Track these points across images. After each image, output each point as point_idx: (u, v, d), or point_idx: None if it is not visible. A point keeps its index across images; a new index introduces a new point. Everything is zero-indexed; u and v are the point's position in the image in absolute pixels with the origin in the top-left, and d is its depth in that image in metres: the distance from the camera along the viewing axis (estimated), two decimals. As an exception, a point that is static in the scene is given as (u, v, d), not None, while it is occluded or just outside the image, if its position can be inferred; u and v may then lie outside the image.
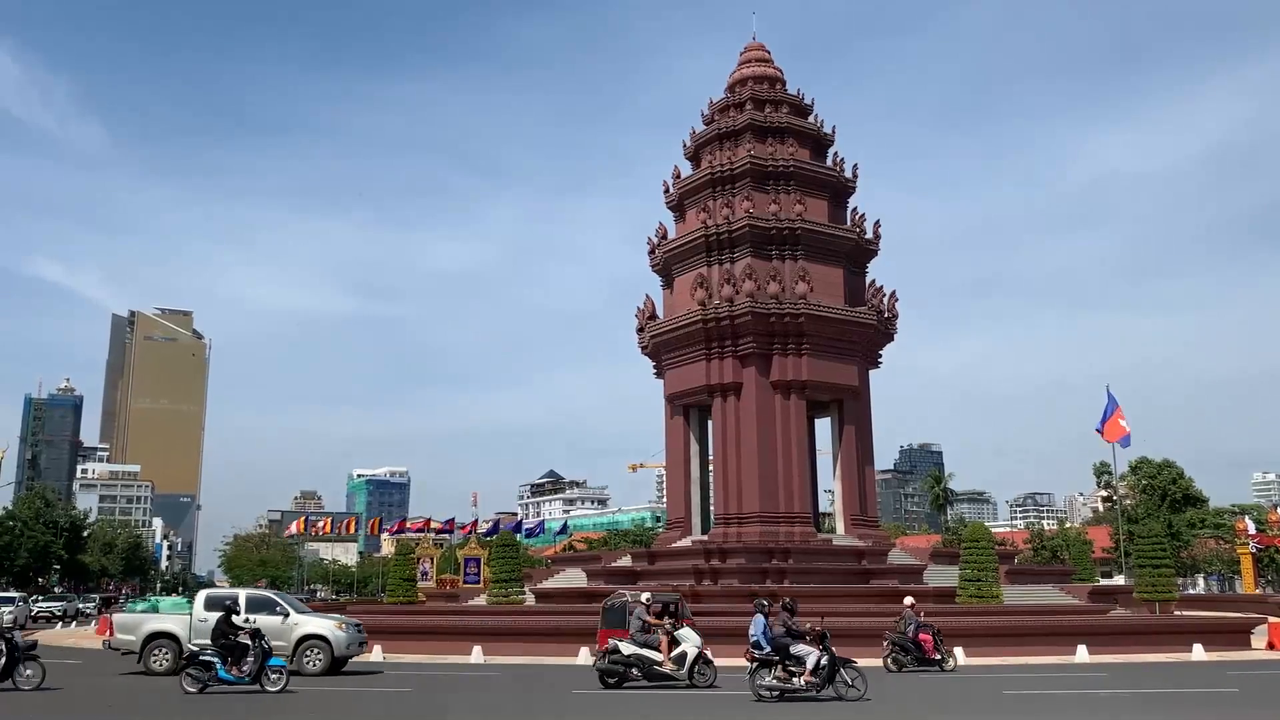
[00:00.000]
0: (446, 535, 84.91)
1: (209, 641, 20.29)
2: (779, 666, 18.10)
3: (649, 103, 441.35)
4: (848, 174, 47.38)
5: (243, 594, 24.37)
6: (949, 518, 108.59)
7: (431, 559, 61.55)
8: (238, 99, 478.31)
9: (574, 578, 44.85)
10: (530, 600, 39.89)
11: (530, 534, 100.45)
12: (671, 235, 47.43)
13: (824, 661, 18.03)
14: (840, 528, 44.78)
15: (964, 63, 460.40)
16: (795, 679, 17.98)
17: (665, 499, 57.49)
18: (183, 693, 18.99)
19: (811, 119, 48.24)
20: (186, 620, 23.42)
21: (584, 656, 27.40)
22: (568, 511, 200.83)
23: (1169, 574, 41.61)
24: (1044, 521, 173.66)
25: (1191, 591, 76.32)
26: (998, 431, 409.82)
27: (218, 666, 19.21)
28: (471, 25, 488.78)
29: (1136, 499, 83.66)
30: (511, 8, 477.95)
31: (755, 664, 18.22)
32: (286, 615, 23.56)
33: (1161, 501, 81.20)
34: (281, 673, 19.53)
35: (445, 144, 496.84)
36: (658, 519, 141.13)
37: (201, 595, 24.34)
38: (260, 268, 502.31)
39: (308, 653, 23.02)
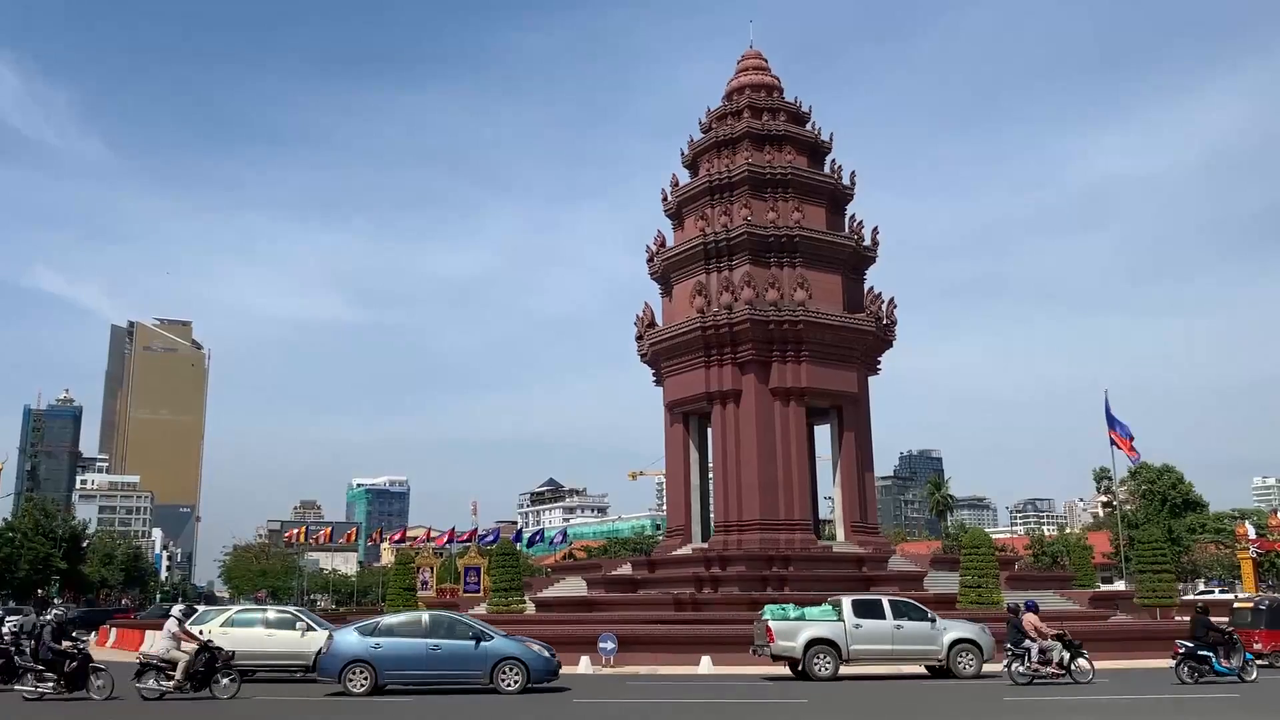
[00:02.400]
0: (447, 544, 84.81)
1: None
2: None
3: (647, 111, 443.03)
4: (845, 181, 47.49)
5: (886, 600, 25.02)
6: (949, 524, 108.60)
7: (431, 568, 61.42)
8: (237, 109, 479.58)
9: (574, 586, 44.83)
10: (531, 609, 39.88)
11: (530, 542, 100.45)
12: (670, 243, 47.50)
13: None
14: (840, 534, 44.80)
15: (962, 67, 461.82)
16: None
17: (665, 507, 57.44)
18: (1178, 682, 21.05)
19: (809, 126, 48.34)
20: (840, 627, 23.88)
21: (584, 665, 27.42)
22: (567, 520, 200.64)
23: (1169, 579, 41.60)
24: (1044, 527, 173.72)
25: (1192, 596, 76.20)
26: (997, 437, 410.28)
27: (1213, 660, 21.51)
28: (471, 35, 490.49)
29: (1136, 504, 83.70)
30: (511, 18, 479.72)
31: None
32: (934, 621, 24.26)
33: (1162, 506, 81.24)
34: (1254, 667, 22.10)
35: (444, 153, 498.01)
36: (658, 527, 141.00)
37: (847, 601, 24.72)
38: (260, 277, 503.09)
39: (960, 656, 23.59)
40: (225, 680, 20.30)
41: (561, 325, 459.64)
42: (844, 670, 23.65)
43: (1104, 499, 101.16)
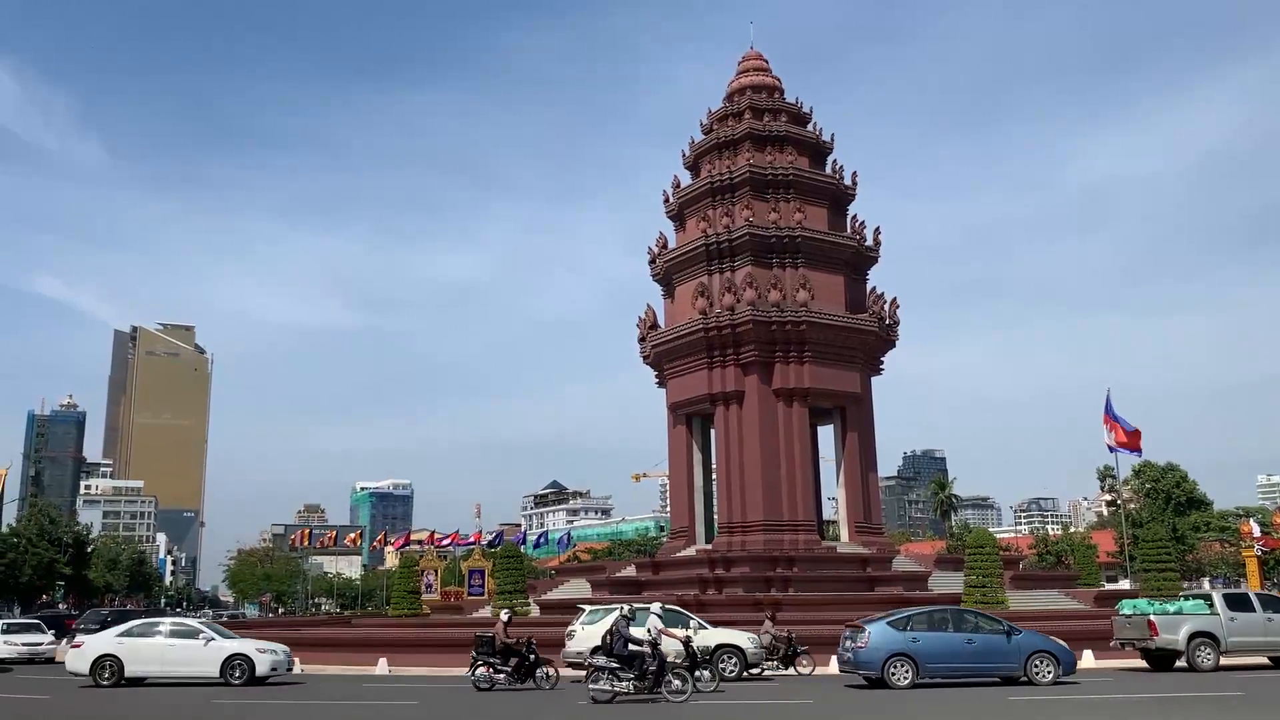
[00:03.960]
0: (450, 548, 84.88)
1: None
2: None
3: (648, 113, 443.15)
4: (847, 181, 47.49)
5: (1253, 593, 26.00)
6: (953, 524, 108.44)
7: (435, 571, 61.49)
8: (236, 113, 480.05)
9: (579, 588, 44.81)
10: (535, 612, 39.88)
11: (535, 545, 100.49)
12: (672, 245, 47.52)
13: None
14: (844, 535, 44.77)
15: (962, 68, 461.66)
16: None
17: (669, 508, 57.44)
18: None
19: (810, 127, 48.35)
20: (1217, 620, 24.39)
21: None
22: (571, 522, 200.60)
23: (1174, 578, 41.51)
24: (1048, 526, 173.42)
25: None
26: (1001, 437, 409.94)
27: None
28: (470, 38, 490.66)
29: (1141, 503, 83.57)
30: (510, 20, 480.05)
31: None
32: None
33: (1166, 505, 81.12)
34: None
35: (444, 156, 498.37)
36: (661, 528, 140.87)
37: (1218, 595, 25.40)
38: (261, 281, 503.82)
39: None
40: (705, 673, 21.09)
41: (563, 327, 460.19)
42: (1223, 661, 24.25)
43: (1108, 498, 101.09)
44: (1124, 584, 59.87)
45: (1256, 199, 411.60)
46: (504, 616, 23.78)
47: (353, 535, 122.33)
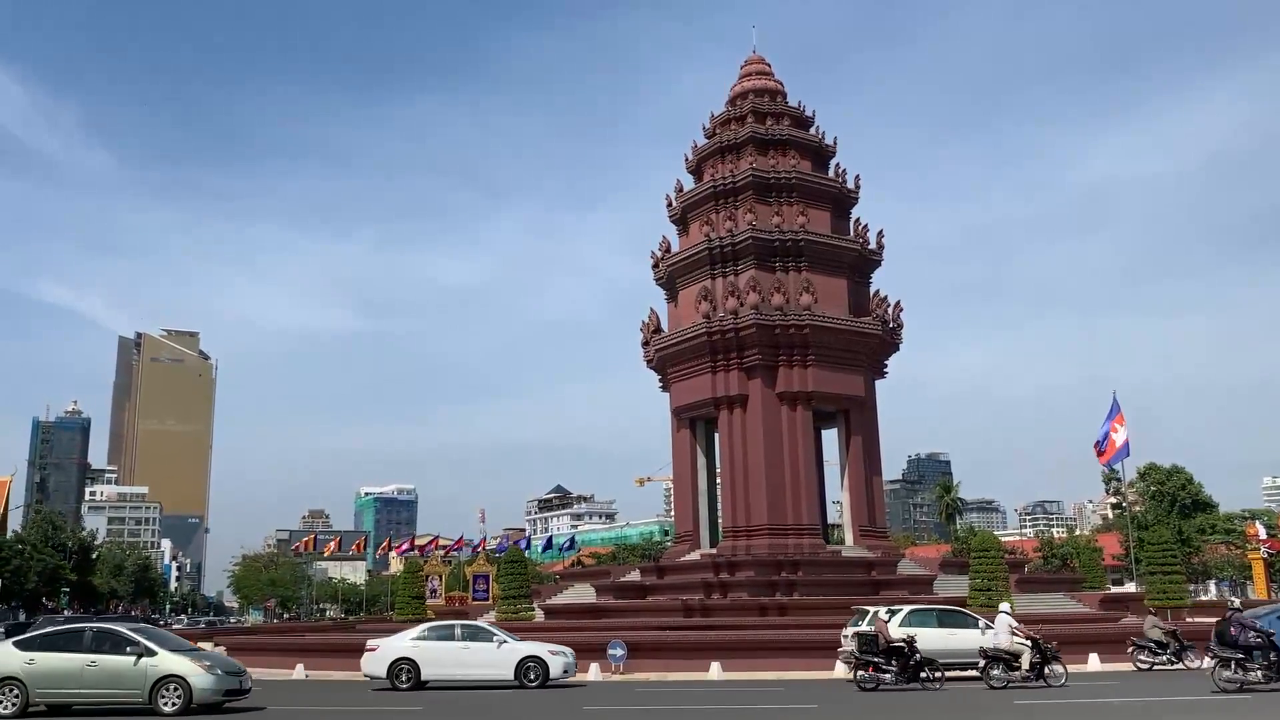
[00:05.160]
0: (455, 552, 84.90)
1: None
2: None
3: (650, 116, 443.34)
4: (849, 185, 47.49)
5: None
6: (958, 527, 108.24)
7: (440, 576, 61.51)
8: (240, 121, 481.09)
9: (583, 593, 44.75)
10: (540, 616, 39.86)
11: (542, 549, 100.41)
12: (675, 248, 47.53)
13: None
14: (849, 539, 44.69)
15: (963, 69, 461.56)
16: None
17: (673, 512, 57.37)
18: None
19: (812, 131, 48.38)
20: None
21: (594, 672, 27.39)
22: (575, 526, 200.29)
23: (1180, 580, 41.39)
24: (1053, 529, 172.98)
25: (1203, 598, 75.93)
26: (1005, 439, 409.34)
27: None
28: (473, 43, 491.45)
29: (1146, 505, 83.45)
30: (512, 25, 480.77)
31: None
32: None
33: (1171, 507, 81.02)
34: None
35: (447, 161, 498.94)
36: (666, 533, 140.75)
37: None
38: (265, 287, 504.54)
39: None
40: (1058, 668, 22.12)
41: (567, 331, 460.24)
42: None
43: (1113, 500, 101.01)
44: (1129, 587, 59.72)
45: (1258, 199, 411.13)
46: (884, 615, 23.88)
47: (356, 543, 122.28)
